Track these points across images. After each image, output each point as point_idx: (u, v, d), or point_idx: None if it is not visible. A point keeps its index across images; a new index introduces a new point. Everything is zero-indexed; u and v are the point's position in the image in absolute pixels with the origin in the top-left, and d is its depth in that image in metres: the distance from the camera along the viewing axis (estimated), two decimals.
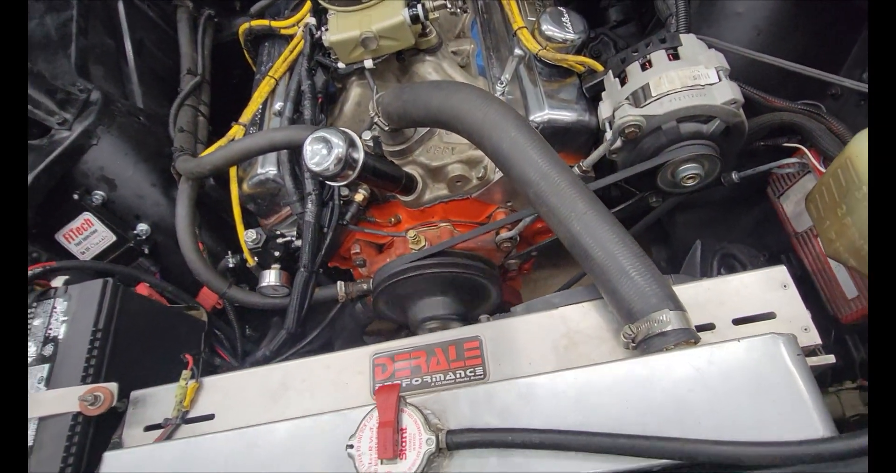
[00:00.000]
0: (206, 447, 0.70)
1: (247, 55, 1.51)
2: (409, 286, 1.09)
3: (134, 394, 0.88)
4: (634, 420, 0.58)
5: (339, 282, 1.20)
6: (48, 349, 0.90)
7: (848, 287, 0.92)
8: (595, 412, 0.60)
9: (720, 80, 0.86)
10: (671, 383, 0.59)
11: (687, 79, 0.87)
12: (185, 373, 0.86)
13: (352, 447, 0.60)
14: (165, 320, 1.07)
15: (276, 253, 1.18)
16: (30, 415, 0.84)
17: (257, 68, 1.43)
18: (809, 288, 1.03)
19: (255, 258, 1.18)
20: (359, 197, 1.16)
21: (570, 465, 0.58)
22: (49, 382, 0.87)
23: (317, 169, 0.92)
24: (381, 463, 0.58)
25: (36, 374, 0.88)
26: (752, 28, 1.01)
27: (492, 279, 1.12)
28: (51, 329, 0.92)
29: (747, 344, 0.60)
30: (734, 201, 1.23)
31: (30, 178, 1.07)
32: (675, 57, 0.91)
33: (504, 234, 1.16)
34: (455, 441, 0.60)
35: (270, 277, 1.17)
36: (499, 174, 1.13)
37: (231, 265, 1.22)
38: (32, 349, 0.91)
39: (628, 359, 0.64)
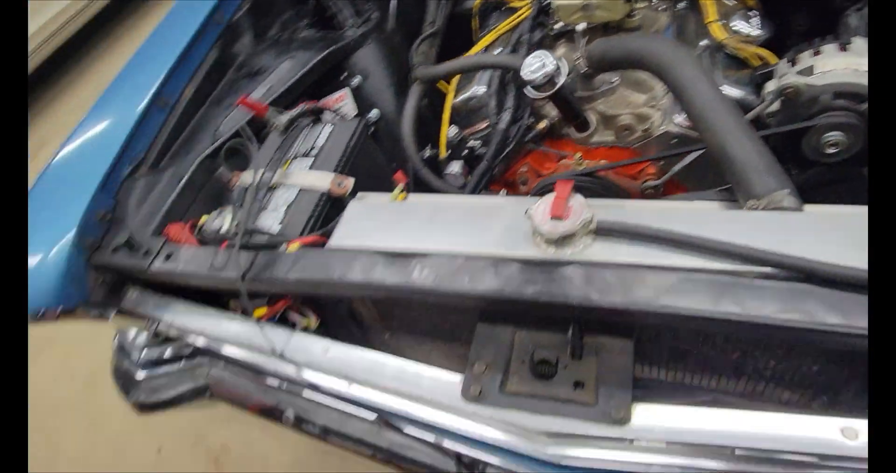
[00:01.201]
0: (415, 206, 1.02)
1: (473, 23, 1.91)
2: None
3: (359, 193, 1.24)
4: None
5: (502, 189, 1.51)
6: (313, 152, 1.29)
7: None
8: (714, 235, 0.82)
9: None
10: (779, 226, 0.80)
11: (850, 65, 1.07)
12: (400, 185, 1.20)
13: (530, 211, 0.88)
14: (380, 169, 1.44)
15: (464, 153, 1.52)
16: (293, 182, 1.22)
17: (481, 32, 1.83)
18: None
19: (448, 151, 1.53)
20: (541, 125, 1.46)
21: (688, 260, 0.80)
22: (311, 167, 1.25)
23: (529, 77, 1.24)
24: (551, 220, 0.85)
25: (305, 163, 1.27)
26: None
27: None
28: (318, 140, 1.31)
29: (841, 216, 0.79)
30: None
31: (324, 54, 1.51)
32: (844, 50, 1.11)
33: (650, 182, 1.40)
34: (603, 226, 0.85)
35: (456, 166, 1.50)
36: (660, 131, 1.37)
37: (426, 156, 1.58)
38: (303, 150, 1.30)
39: (747, 211, 0.86)
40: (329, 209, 1.20)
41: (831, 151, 1.11)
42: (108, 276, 1.21)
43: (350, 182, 1.20)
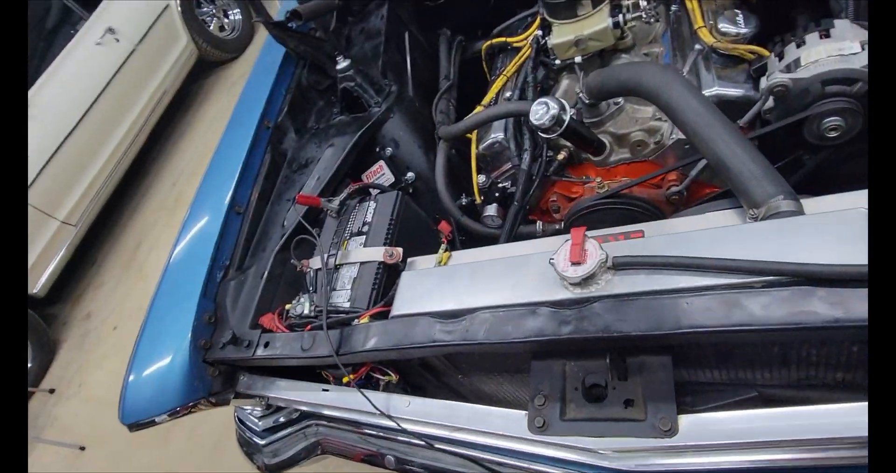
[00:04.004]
0: (458, 268, 1.17)
1: (484, 65, 2.06)
2: (592, 219, 1.46)
3: (409, 259, 1.41)
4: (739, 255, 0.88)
5: (538, 221, 1.63)
6: (364, 228, 1.49)
7: None
8: (720, 252, 0.91)
9: (862, 49, 1.09)
10: (779, 234, 0.88)
11: (832, 51, 1.11)
12: (443, 246, 1.36)
13: (553, 260, 1.00)
14: (424, 226, 1.61)
15: (496, 195, 1.66)
16: (355, 260, 1.42)
17: (491, 74, 1.97)
18: None
19: (482, 197, 1.67)
20: (560, 156, 1.58)
21: (692, 280, 0.90)
22: (364, 244, 1.45)
23: (537, 122, 1.36)
24: (570, 266, 0.97)
25: (359, 240, 1.47)
26: None
27: (657, 219, 1.43)
28: (366, 218, 1.51)
29: (837, 215, 0.86)
30: None
31: (357, 136, 1.72)
32: (826, 36, 1.15)
33: (674, 188, 1.47)
34: (619, 262, 0.96)
35: (491, 209, 1.64)
36: (671, 140, 1.45)
37: (463, 203, 1.74)
38: (356, 228, 1.50)
39: (748, 223, 0.94)
40: (387, 276, 1.38)
41: (833, 134, 1.15)
42: (222, 367, 1.44)
43: (399, 252, 1.38)
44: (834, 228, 0.86)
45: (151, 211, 4.78)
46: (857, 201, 0.98)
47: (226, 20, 5.86)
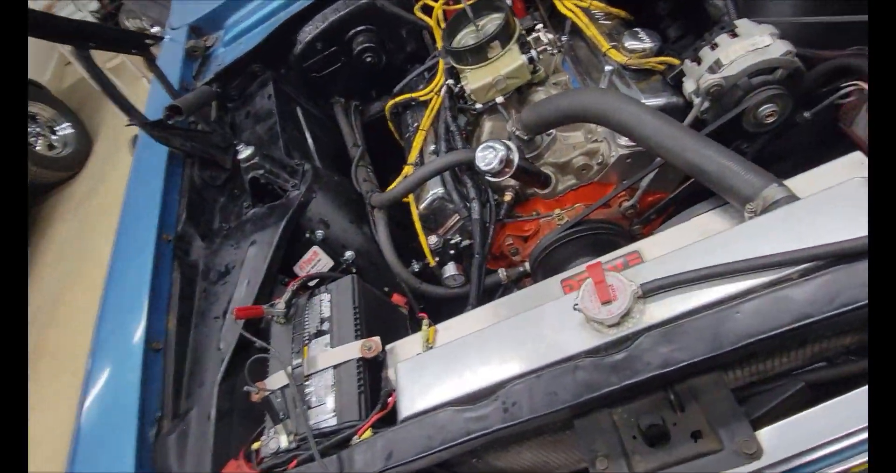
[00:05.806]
0: (461, 342, 1.01)
1: (391, 125, 1.98)
2: (562, 252, 1.38)
3: (388, 346, 1.21)
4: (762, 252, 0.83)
5: (500, 269, 1.53)
6: (325, 325, 1.27)
7: None
8: (740, 254, 0.85)
9: (773, 41, 1.16)
10: (786, 223, 0.85)
11: (748, 46, 1.17)
12: (425, 322, 1.19)
13: (577, 305, 0.89)
14: (386, 305, 1.42)
15: (451, 252, 1.53)
16: (325, 365, 1.19)
17: (403, 131, 1.88)
18: None
19: (436, 259, 1.54)
20: (507, 197, 1.50)
21: (728, 288, 0.83)
22: (332, 344, 1.23)
23: (486, 168, 1.27)
24: (603, 306, 0.86)
25: (322, 342, 1.24)
26: (790, 6, 1.31)
27: (624, 237, 1.39)
28: (323, 313, 1.29)
29: (837, 190, 0.85)
30: (817, 146, 1.45)
31: (282, 225, 1.51)
32: (735, 36, 1.22)
33: (626, 204, 1.45)
34: (648, 288, 0.87)
35: (451, 269, 1.51)
36: (613, 157, 1.44)
37: (416, 269, 1.58)
38: (314, 329, 1.28)
39: (753, 220, 0.90)
40: (370, 374, 1.17)
41: (770, 120, 1.20)
42: None
43: (377, 342, 1.18)
44: (839, 202, 0.85)
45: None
46: (831, 174, 1.00)
47: (54, 137, 5.29)
